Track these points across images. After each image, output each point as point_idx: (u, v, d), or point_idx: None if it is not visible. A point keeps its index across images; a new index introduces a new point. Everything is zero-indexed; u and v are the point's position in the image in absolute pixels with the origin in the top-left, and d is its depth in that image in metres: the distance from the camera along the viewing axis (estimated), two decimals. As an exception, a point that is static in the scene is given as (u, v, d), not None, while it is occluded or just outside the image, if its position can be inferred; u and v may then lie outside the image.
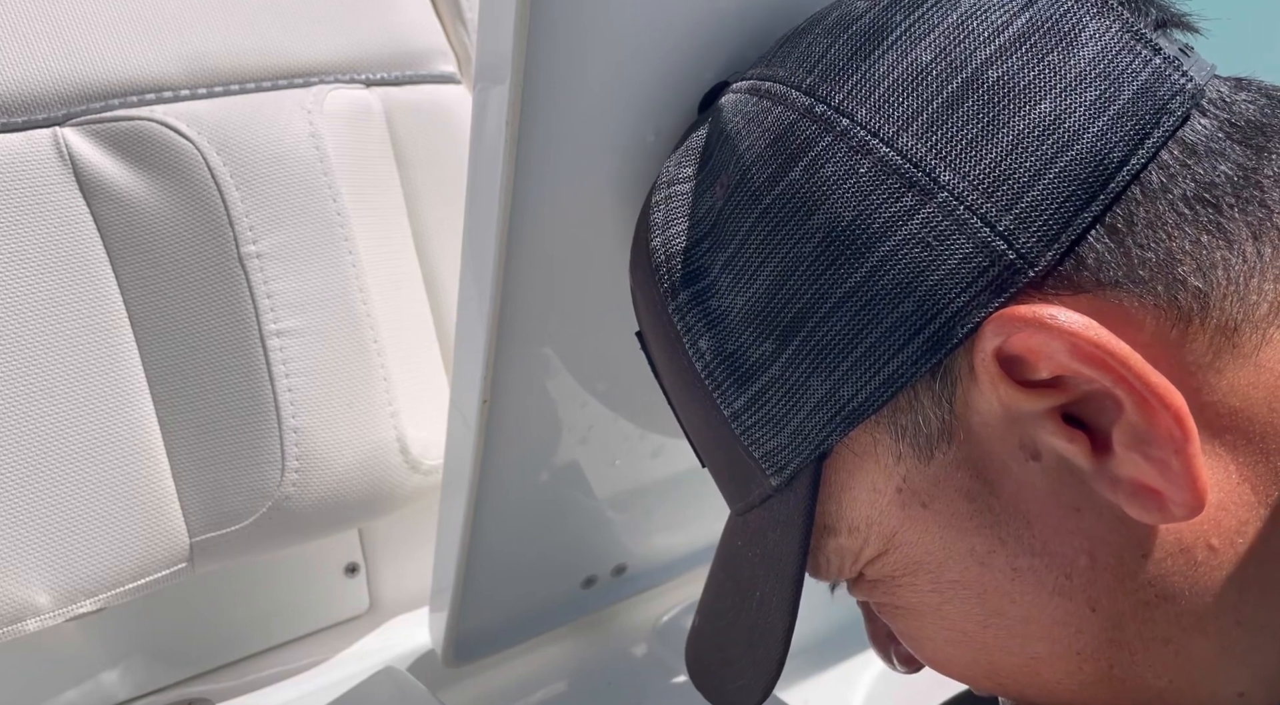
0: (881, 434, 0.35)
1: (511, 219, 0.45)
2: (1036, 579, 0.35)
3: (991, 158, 0.33)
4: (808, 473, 0.37)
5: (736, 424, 0.38)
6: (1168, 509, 0.31)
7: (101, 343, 0.58)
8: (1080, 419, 0.33)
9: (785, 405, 0.36)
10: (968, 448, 0.34)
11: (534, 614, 0.67)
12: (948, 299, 0.33)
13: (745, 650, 0.42)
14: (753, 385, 0.37)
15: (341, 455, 0.63)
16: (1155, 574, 0.33)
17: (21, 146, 0.55)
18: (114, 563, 0.58)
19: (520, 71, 0.41)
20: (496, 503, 0.57)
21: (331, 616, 0.73)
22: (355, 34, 0.67)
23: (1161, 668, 0.35)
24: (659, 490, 0.66)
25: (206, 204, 0.58)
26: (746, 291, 0.37)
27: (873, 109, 0.35)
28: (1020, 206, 0.32)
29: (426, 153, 0.69)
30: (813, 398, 0.35)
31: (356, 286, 0.63)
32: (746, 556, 0.42)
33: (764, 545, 0.40)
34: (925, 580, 0.37)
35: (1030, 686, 0.38)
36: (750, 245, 0.36)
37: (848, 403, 0.35)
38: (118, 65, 0.57)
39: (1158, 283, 0.32)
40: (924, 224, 0.33)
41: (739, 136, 0.38)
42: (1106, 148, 0.32)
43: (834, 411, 0.35)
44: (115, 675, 0.66)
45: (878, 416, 0.35)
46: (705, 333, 0.38)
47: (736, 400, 0.38)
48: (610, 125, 0.46)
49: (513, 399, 0.53)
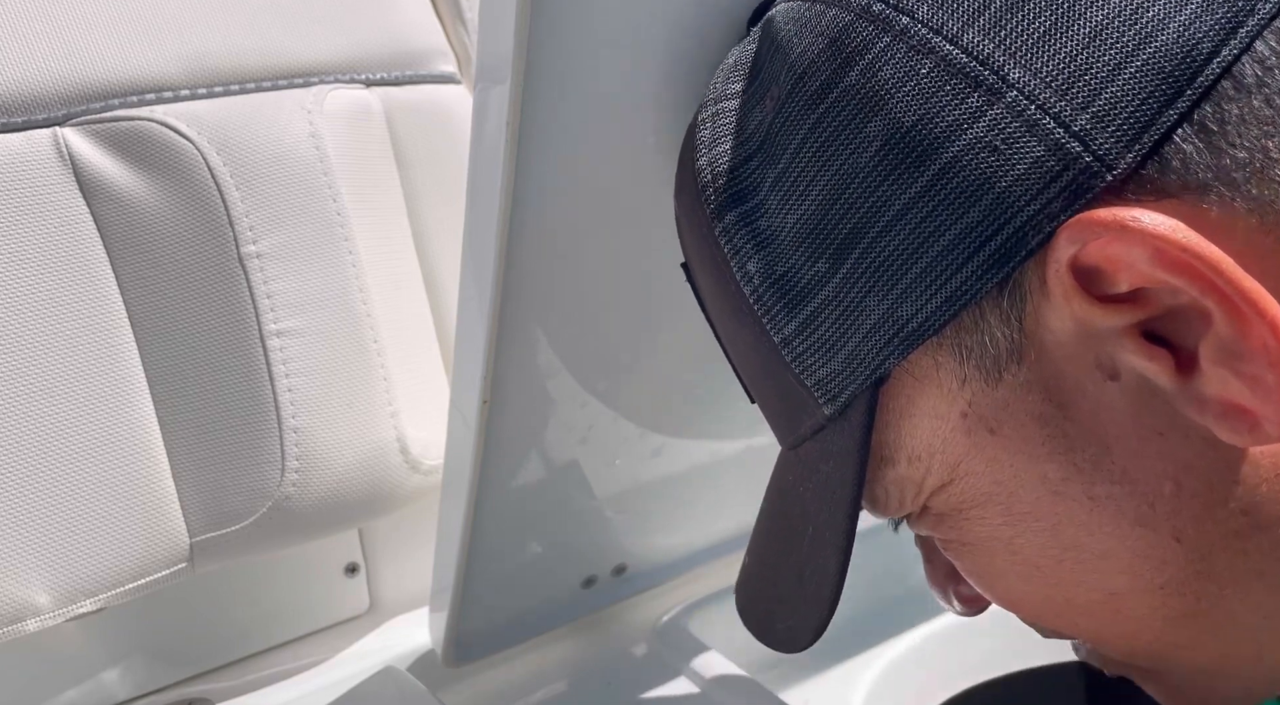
0: (944, 356, 0.33)
1: (511, 219, 0.45)
2: (1116, 508, 0.32)
3: (1065, 53, 0.30)
4: (863, 400, 0.35)
5: (787, 350, 0.36)
6: (1261, 429, 0.29)
7: (101, 343, 0.58)
8: (1162, 336, 0.30)
9: (839, 328, 0.34)
10: (1039, 368, 0.32)
11: (534, 614, 0.67)
12: (1017, 206, 0.30)
13: (796, 588, 0.40)
14: (804, 308, 0.35)
15: (341, 455, 0.63)
16: (1248, 501, 0.31)
17: (21, 146, 0.55)
18: (114, 563, 0.58)
19: (520, 71, 0.41)
20: (496, 503, 0.57)
21: (331, 616, 0.73)
22: (355, 34, 0.67)
23: (1254, 602, 0.33)
24: (659, 490, 0.66)
25: (206, 204, 0.58)
26: (798, 208, 0.34)
27: (934, 5, 0.32)
28: (1097, 105, 0.30)
29: (426, 153, 0.69)
30: (869, 319, 0.33)
31: (356, 286, 0.63)
32: (798, 492, 0.40)
33: (817, 479, 0.38)
34: (995, 512, 0.35)
35: (1108, 625, 0.36)
36: (802, 158, 0.34)
37: (907, 323, 0.33)
38: (118, 65, 0.57)
39: (1251, 185, 0.29)
40: (991, 126, 0.31)
41: (790, 44, 0.35)
42: (1194, 38, 0.29)
43: (892, 333, 0.33)
44: (115, 675, 0.66)
45: (940, 337, 0.33)
46: (754, 255, 0.36)
47: (787, 325, 0.36)
48: (610, 125, 0.46)
49: (513, 399, 0.53)
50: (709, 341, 0.53)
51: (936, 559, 0.43)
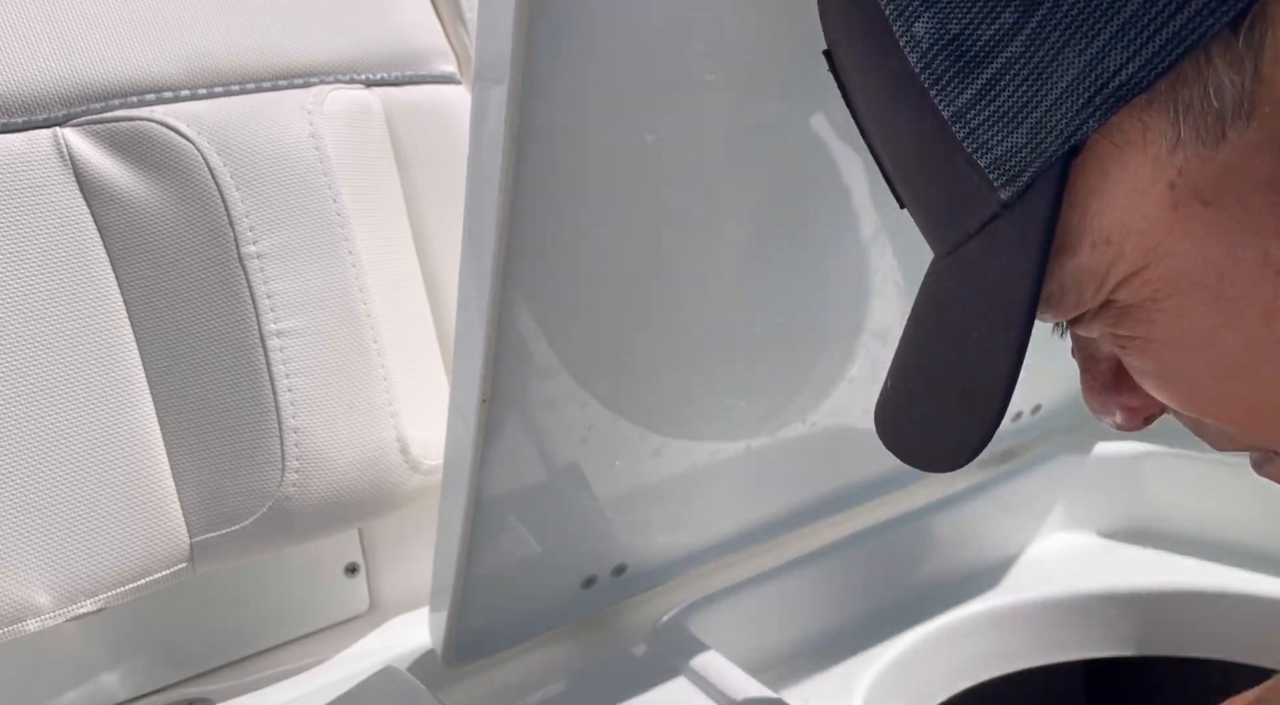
0: (1155, 115, 0.28)
1: (511, 219, 0.45)
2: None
3: None
4: (1049, 178, 0.30)
5: (960, 125, 0.31)
6: None
7: (102, 343, 0.58)
8: None
9: (1027, 92, 0.29)
10: (1274, 123, 0.27)
11: (534, 614, 0.67)
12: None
13: (957, 402, 0.36)
14: (984, 71, 0.30)
15: (341, 455, 0.63)
16: None
17: (22, 147, 0.55)
18: (114, 563, 0.58)
19: (520, 71, 0.41)
20: (496, 503, 0.57)
21: (331, 616, 0.73)
22: (355, 34, 0.67)
23: None
24: (659, 490, 0.66)
25: (207, 204, 0.58)
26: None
27: None
28: None
29: (426, 153, 0.69)
30: (1066, 75, 0.28)
31: (356, 286, 0.63)
32: (958, 298, 0.35)
33: (983, 280, 0.34)
34: (1200, 298, 0.30)
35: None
36: None
37: (1115, 74, 0.27)
38: (118, 65, 0.57)
39: None
40: None
41: None
42: None
43: (1095, 88, 0.28)
44: (115, 675, 0.66)
45: (1153, 92, 0.27)
46: (922, 12, 0.31)
47: (960, 95, 0.31)
48: (610, 125, 0.46)
49: (513, 399, 0.53)
50: (709, 341, 0.53)
51: (1097, 368, 0.38)
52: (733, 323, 0.60)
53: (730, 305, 0.60)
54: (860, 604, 0.76)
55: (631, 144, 0.47)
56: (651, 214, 0.51)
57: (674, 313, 0.57)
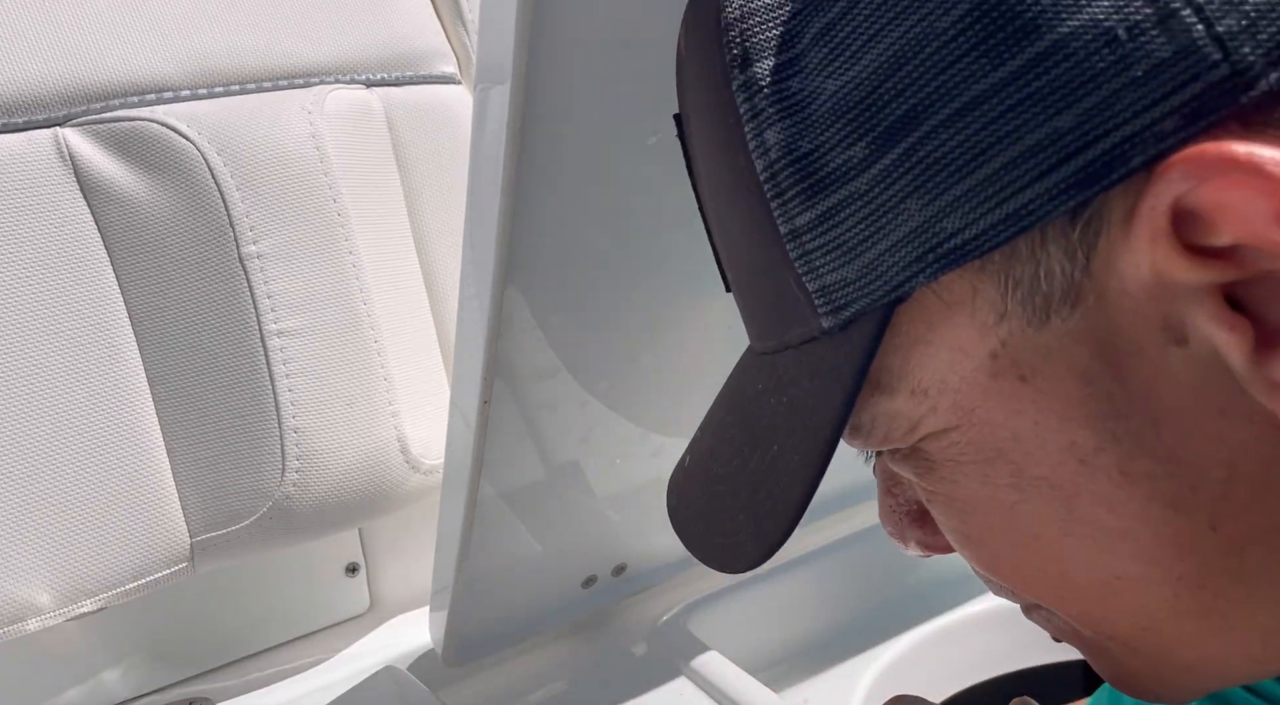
0: (986, 283, 0.28)
1: (512, 219, 0.45)
2: (1151, 488, 0.28)
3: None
4: (873, 319, 0.29)
5: (794, 245, 0.30)
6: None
7: (102, 343, 0.58)
8: (1244, 304, 0.25)
9: (865, 230, 0.28)
10: (1096, 317, 0.27)
11: (534, 614, 0.67)
12: (1123, 118, 0.24)
13: (744, 509, 0.36)
14: (827, 198, 0.29)
15: (342, 455, 0.63)
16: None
17: (22, 147, 0.55)
18: (114, 563, 0.58)
19: (521, 72, 0.41)
20: (496, 503, 0.58)
21: (331, 616, 0.73)
22: (355, 35, 0.67)
23: (1275, 606, 0.29)
24: (659, 490, 0.66)
25: (207, 204, 0.58)
26: (845, 73, 0.28)
27: None
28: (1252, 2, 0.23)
29: (426, 153, 0.69)
30: (905, 224, 0.28)
31: (357, 287, 0.63)
32: (767, 403, 0.35)
33: (792, 394, 0.33)
34: (1004, 471, 0.30)
35: (1099, 607, 0.32)
36: (863, 9, 0.28)
37: (952, 236, 0.27)
38: (118, 65, 0.57)
39: None
40: (1114, 9, 0.24)
41: None
42: None
43: (930, 245, 0.27)
44: (115, 675, 0.66)
45: (986, 260, 0.27)
46: (777, 121, 0.30)
47: (801, 215, 0.30)
48: (610, 126, 0.46)
49: (513, 399, 0.53)
50: (709, 341, 0.53)
51: (899, 494, 0.38)
52: (733, 323, 0.60)
53: (730, 305, 0.60)
54: (860, 604, 0.76)
55: (632, 145, 0.47)
56: (652, 215, 0.51)
57: (676, 313, 0.57)
